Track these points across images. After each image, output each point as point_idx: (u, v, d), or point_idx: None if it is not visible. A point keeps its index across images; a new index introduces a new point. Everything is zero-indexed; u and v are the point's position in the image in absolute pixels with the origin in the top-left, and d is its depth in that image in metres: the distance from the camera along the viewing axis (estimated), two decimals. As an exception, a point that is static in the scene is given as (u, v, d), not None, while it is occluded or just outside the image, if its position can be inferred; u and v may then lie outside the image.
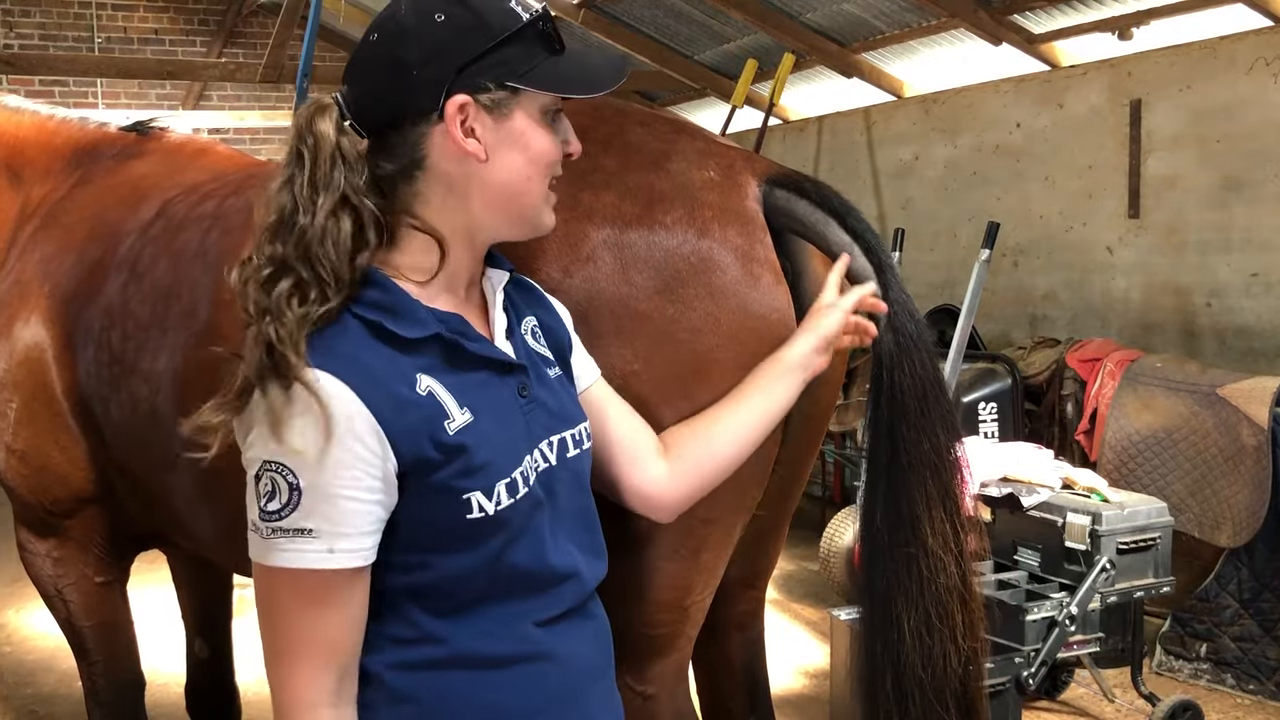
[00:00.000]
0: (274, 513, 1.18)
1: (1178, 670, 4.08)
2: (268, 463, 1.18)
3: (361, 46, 1.32)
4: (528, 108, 1.30)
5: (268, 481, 1.18)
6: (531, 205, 1.33)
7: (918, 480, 1.59)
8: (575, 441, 1.38)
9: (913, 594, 1.59)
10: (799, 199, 1.69)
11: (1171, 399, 4.16)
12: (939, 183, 6.31)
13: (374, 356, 1.22)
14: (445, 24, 1.26)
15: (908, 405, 1.59)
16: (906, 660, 1.59)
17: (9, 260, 2.47)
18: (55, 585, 2.43)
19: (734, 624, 2.01)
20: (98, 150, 2.60)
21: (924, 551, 1.58)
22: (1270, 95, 4.52)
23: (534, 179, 1.32)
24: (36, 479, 2.32)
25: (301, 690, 1.21)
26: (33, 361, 2.28)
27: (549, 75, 1.29)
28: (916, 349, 1.60)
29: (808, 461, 1.94)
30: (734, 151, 1.76)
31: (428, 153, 1.28)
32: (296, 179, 1.26)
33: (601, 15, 7.23)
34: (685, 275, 1.59)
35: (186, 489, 2.09)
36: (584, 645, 1.38)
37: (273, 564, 1.19)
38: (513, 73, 1.27)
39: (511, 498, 1.27)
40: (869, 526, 1.64)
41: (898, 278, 1.65)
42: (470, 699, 1.28)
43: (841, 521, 4.68)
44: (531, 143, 1.30)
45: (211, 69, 8.59)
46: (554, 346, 1.45)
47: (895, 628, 1.60)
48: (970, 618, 1.62)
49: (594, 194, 1.62)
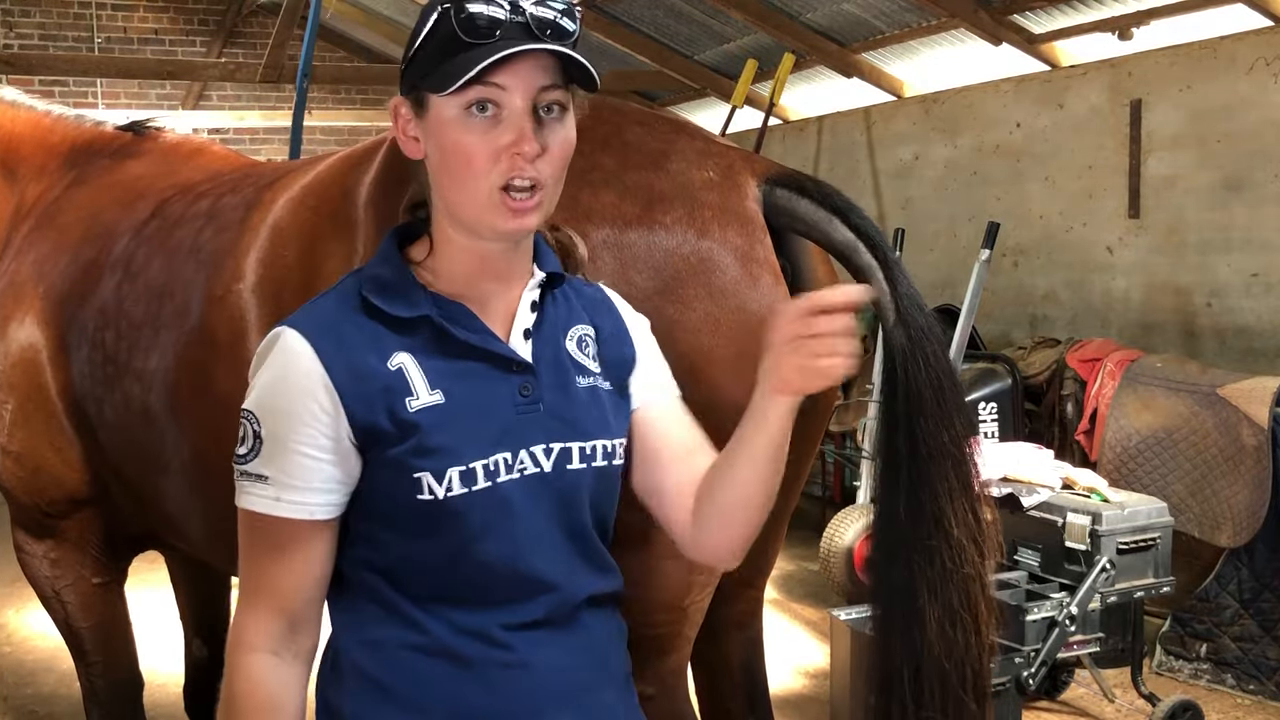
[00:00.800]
0: (241, 456, 1.27)
1: (1178, 670, 4.08)
2: (244, 410, 1.28)
3: None
4: (443, 105, 1.26)
5: (243, 427, 1.28)
6: (470, 203, 1.27)
7: (940, 473, 1.57)
8: (584, 456, 1.33)
9: (937, 586, 1.57)
10: (800, 198, 1.69)
11: (1171, 399, 4.16)
12: (939, 183, 6.31)
13: (353, 328, 1.28)
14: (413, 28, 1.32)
15: (924, 398, 1.58)
16: (929, 654, 1.58)
17: (4, 261, 2.46)
18: (52, 586, 2.43)
19: (733, 623, 2.01)
20: (94, 149, 2.59)
21: (948, 543, 1.57)
22: (1270, 95, 4.52)
23: (459, 175, 1.26)
24: (32, 480, 2.32)
25: (246, 630, 1.28)
26: (27, 363, 2.28)
27: (442, 74, 1.24)
28: (929, 341, 1.59)
29: (807, 461, 1.94)
30: (733, 152, 1.76)
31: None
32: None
33: (601, 15, 7.23)
34: (685, 275, 1.59)
35: (177, 490, 2.09)
36: (565, 658, 1.34)
37: (238, 504, 1.29)
38: (419, 73, 1.28)
39: (466, 487, 1.25)
40: (888, 522, 1.62)
41: (904, 272, 1.63)
42: (434, 689, 1.29)
43: (841, 521, 4.67)
44: (445, 140, 1.27)
45: (211, 69, 8.59)
46: (609, 358, 1.40)
47: (918, 622, 1.58)
48: (990, 607, 1.61)
49: (593, 193, 1.62)
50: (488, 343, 1.31)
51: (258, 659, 1.27)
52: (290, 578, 1.28)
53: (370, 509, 1.29)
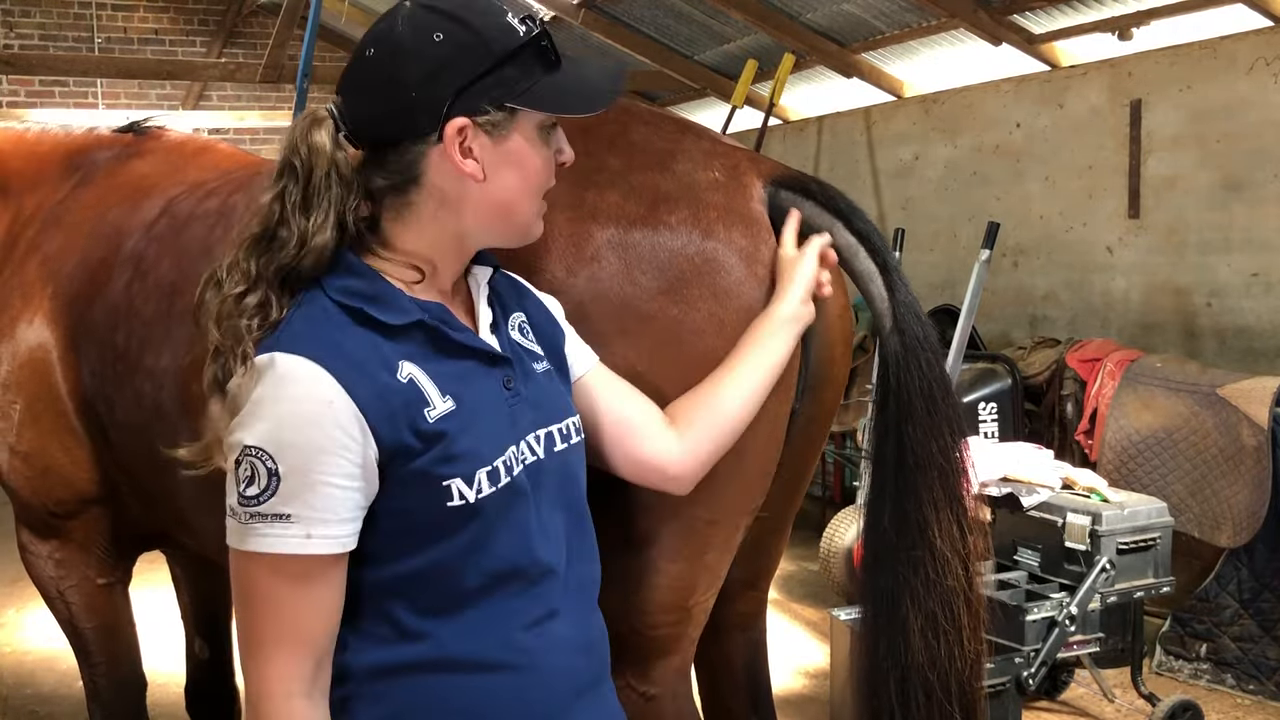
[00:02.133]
0: (252, 498, 1.18)
1: (1178, 670, 4.08)
2: (248, 448, 1.18)
3: (357, 60, 1.29)
4: (525, 127, 1.29)
5: (247, 467, 1.18)
6: (524, 220, 1.34)
7: (925, 482, 1.58)
8: (563, 436, 1.38)
9: (920, 596, 1.58)
10: (804, 200, 1.68)
11: (1171, 399, 4.16)
12: (939, 183, 6.31)
13: (356, 344, 1.23)
14: (443, 43, 1.24)
15: (915, 406, 1.59)
16: (913, 662, 1.58)
17: (8, 266, 2.46)
18: (57, 587, 2.43)
19: (736, 625, 2.01)
20: (93, 152, 2.59)
21: (931, 554, 1.58)
22: (1270, 95, 4.52)
23: (529, 195, 1.33)
24: (40, 480, 2.32)
25: (276, 679, 1.20)
26: (37, 363, 2.28)
27: (547, 94, 1.28)
28: (923, 349, 1.60)
29: (811, 462, 1.94)
30: (739, 152, 1.76)
31: (424, 170, 1.28)
32: (290, 193, 1.26)
33: (601, 15, 7.23)
34: (690, 276, 1.59)
35: (190, 486, 2.09)
36: (575, 658, 1.36)
37: (250, 549, 1.19)
38: (511, 93, 1.26)
39: (493, 486, 1.26)
40: (875, 528, 1.63)
41: (904, 279, 1.64)
42: (447, 704, 1.27)
43: (841, 521, 4.68)
44: (528, 161, 1.30)
45: (211, 69, 8.59)
46: (544, 341, 1.45)
47: (901, 629, 1.59)
48: (975, 620, 1.61)
49: (598, 193, 1.61)
50: (474, 341, 1.33)
51: (296, 706, 1.21)
52: (318, 617, 1.22)
53: (385, 525, 1.24)
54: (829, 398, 1.83)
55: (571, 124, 1.72)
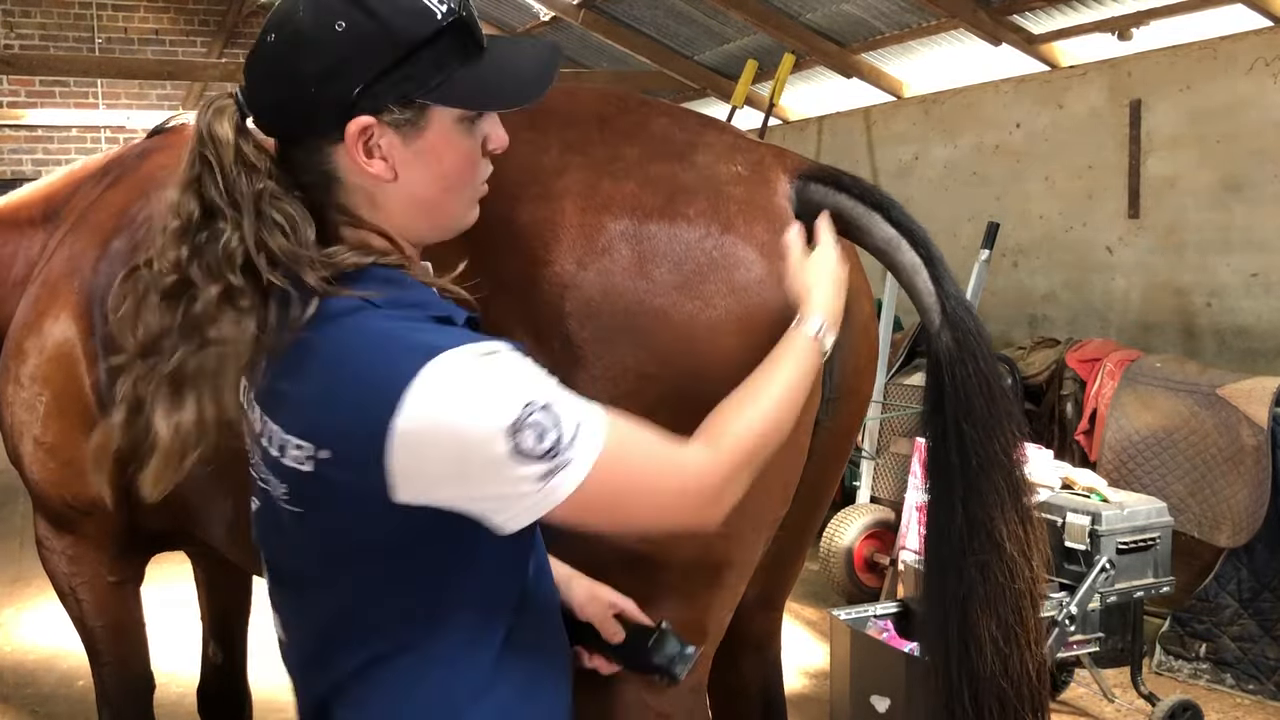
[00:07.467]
0: (549, 450, 1.09)
1: (1177, 670, 4.08)
2: (527, 402, 1.08)
3: (259, 46, 1.18)
4: (442, 120, 1.18)
5: (528, 433, 1.08)
6: (450, 215, 1.24)
7: (991, 484, 1.49)
8: None
9: (990, 602, 1.50)
10: (838, 193, 1.60)
11: (1171, 399, 4.16)
12: (939, 183, 6.31)
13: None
14: (345, 33, 1.12)
15: (974, 405, 1.49)
16: (985, 673, 1.51)
17: (41, 264, 2.49)
18: (69, 583, 2.44)
19: (751, 644, 1.95)
20: (124, 156, 2.63)
21: (1000, 557, 1.50)
22: (1270, 95, 4.52)
23: (450, 191, 1.22)
24: (62, 473, 2.33)
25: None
26: (63, 357, 2.30)
27: (463, 88, 1.16)
28: (977, 343, 1.50)
29: (832, 480, 1.87)
30: (764, 147, 1.68)
31: (336, 169, 1.18)
32: (206, 183, 1.18)
33: (601, 15, 7.24)
34: (706, 270, 1.50)
35: (202, 480, 2.08)
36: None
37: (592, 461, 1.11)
38: (421, 88, 1.15)
39: None
40: (939, 536, 1.55)
41: (948, 271, 1.55)
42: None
43: (841, 521, 4.68)
44: (445, 157, 1.19)
45: (211, 69, 8.61)
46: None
47: (974, 640, 1.51)
48: (1039, 624, 1.55)
49: (614, 183, 1.53)
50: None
51: None
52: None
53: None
54: (854, 409, 1.77)
55: (589, 114, 1.64)
